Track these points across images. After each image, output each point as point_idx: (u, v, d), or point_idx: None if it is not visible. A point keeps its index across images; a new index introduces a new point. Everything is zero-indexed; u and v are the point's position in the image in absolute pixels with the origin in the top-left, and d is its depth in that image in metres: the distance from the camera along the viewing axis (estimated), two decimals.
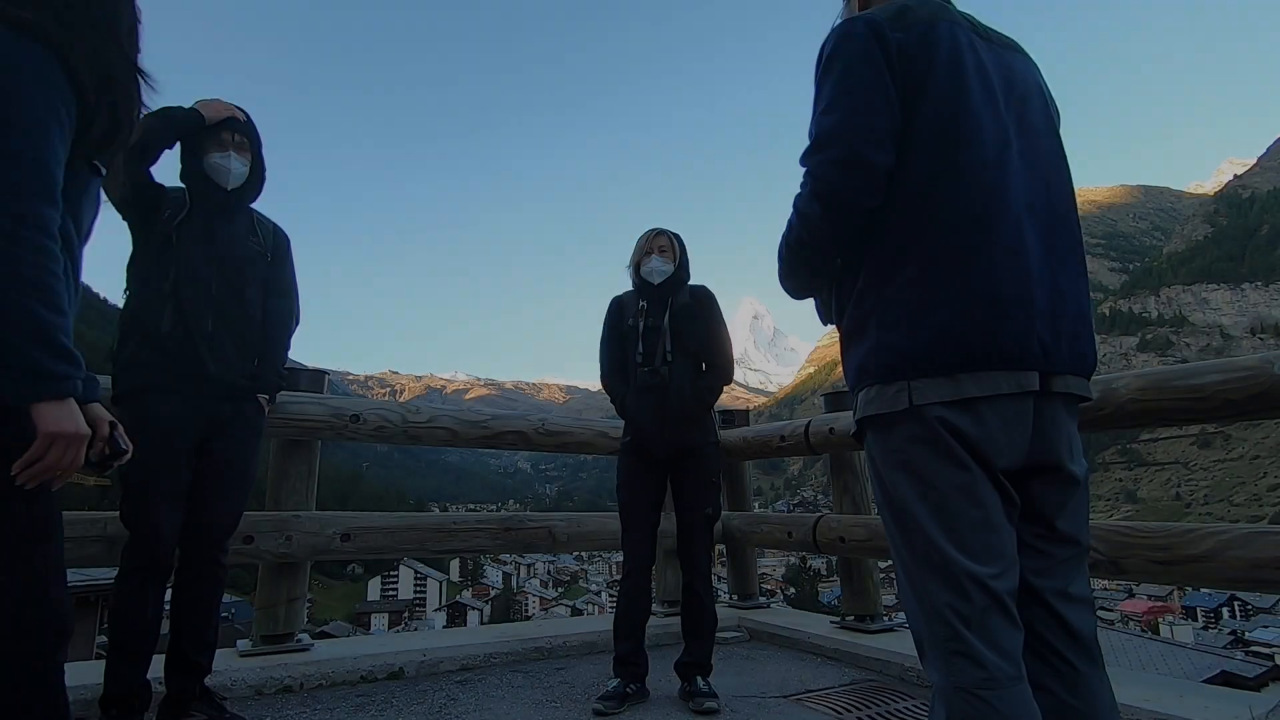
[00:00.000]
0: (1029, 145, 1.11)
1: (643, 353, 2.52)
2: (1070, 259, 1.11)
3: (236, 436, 2.05)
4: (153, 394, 1.92)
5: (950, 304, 1.01)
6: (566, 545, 3.41)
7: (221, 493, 2.04)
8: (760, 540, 3.82)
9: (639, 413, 2.52)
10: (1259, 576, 1.89)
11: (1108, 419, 2.23)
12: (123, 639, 1.85)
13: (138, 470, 1.87)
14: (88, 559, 2.28)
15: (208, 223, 2.06)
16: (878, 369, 1.06)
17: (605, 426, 3.64)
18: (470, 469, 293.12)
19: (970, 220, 1.03)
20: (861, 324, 1.10)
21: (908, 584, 1.04)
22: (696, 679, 2.38)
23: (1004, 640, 0.95)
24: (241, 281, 2.09)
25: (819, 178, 1.07)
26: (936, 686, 0.99)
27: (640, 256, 2.61)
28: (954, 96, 1.06)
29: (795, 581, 49.07)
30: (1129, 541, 2.13)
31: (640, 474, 2.54)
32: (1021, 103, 1.14)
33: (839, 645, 2.98)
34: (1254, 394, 1.90)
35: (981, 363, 0.99)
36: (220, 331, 2.02)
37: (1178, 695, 2.04)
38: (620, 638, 2.43)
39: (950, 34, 1.09)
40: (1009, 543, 1.00)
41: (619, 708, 2.27)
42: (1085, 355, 1.09)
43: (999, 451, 1.00)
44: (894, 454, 1.05)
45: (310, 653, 2.63)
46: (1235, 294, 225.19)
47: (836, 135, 1.06)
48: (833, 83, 1.08)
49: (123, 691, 1.82)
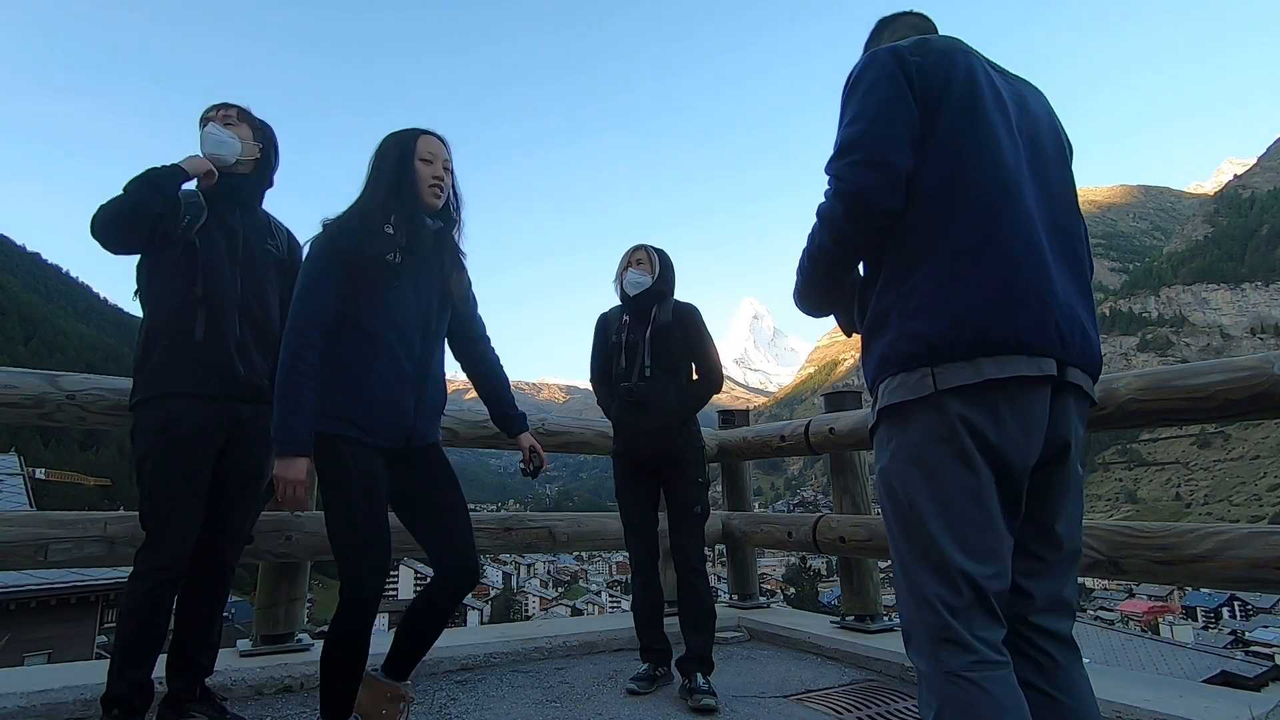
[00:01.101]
0: (1040, 168, 1.15)
1: (624, 367, 2.68)
2: (1082, 283, 1.14)
3: (256, 440, 2.03)
4: (180, 399, 1.90)
5: (970, 293, 1.05)
6: (566, 545, 3.41)
7: (238, 497, 2.03)
8: (760, 540, 3.81)
9: (623, 424, 2.70)
10: (1259, 576, 1.89)
11: (1108, 419, 2.23)
12: (131, 640, 1.83)
13: (162, 472, 1.86)
14: (88, 559, 2.28)
15: (227, 225, 2.05)
16: (900, 357, 1.09)
17: (605, 427, 3.63)
18: (470, 469, 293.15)
19: (987, 217, 1.07)
20: (883, 318, 1.14)
21: (902, 574, 1.08)
22: (696, 676, 2.42)
23: (988, 633, 1.00)
24: (263, 283, 2.09)
25: (843, 179, 1.12)
26: (923, 674, 1.02)
27: (621, 271, 2.77)
28: (969, 107, 1.11)
29: (795, 581, 49.07)
30: (1129, 541, 2.13)
31: (633, 479, 2.71)
32: (1033, 128, 1.19)
33: (839, 645, 2.98)
34: (1254, 394, 1.90)
35: (1000, 348, 1.02)
36: (246, 334, 2.01)
37: (1178, 695, 2.04)
38: (642, 629, 2.65)
39: (966, 61, 1.17)
40: (1005, 548, 1.04)
41: (650, 688, 2.53)
42: (1096, 358, 1.13)
43: (1017, 449, 1.03)
44: (909, 449, 1.08)
45: (310, 653, 2.62)
46: (1235, 294, 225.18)
47: (860, 141, 1.11)
48: (857, 99, 1.15)
49: (125, 691, 1.81)
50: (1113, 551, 2.16)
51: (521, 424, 2.16)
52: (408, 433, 1.80)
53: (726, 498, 4.19)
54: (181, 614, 2.01)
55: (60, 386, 2.30)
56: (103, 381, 2.37)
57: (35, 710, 2.04)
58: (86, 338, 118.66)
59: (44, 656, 9.53)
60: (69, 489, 46.82)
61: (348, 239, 1.75)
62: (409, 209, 1.84)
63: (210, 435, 1.93)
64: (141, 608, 1.82)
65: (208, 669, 2.03)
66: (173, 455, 1.87)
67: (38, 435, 61.00)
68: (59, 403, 2.29)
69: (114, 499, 51.52)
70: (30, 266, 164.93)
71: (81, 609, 10.56)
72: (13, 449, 14.04)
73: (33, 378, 2.30)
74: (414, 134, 1.88)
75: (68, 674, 2.27)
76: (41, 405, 2.27)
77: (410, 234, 1.84)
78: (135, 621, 1.83)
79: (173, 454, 1.87)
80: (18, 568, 2.31)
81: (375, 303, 1.77)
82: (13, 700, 2.03)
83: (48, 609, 9.95)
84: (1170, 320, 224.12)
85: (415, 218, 1.85)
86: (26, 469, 13.27)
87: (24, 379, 2.28)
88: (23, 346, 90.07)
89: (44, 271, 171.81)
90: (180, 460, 1.87)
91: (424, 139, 1.88)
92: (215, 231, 2.02)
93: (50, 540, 2.22)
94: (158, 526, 1.86)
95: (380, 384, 1.74)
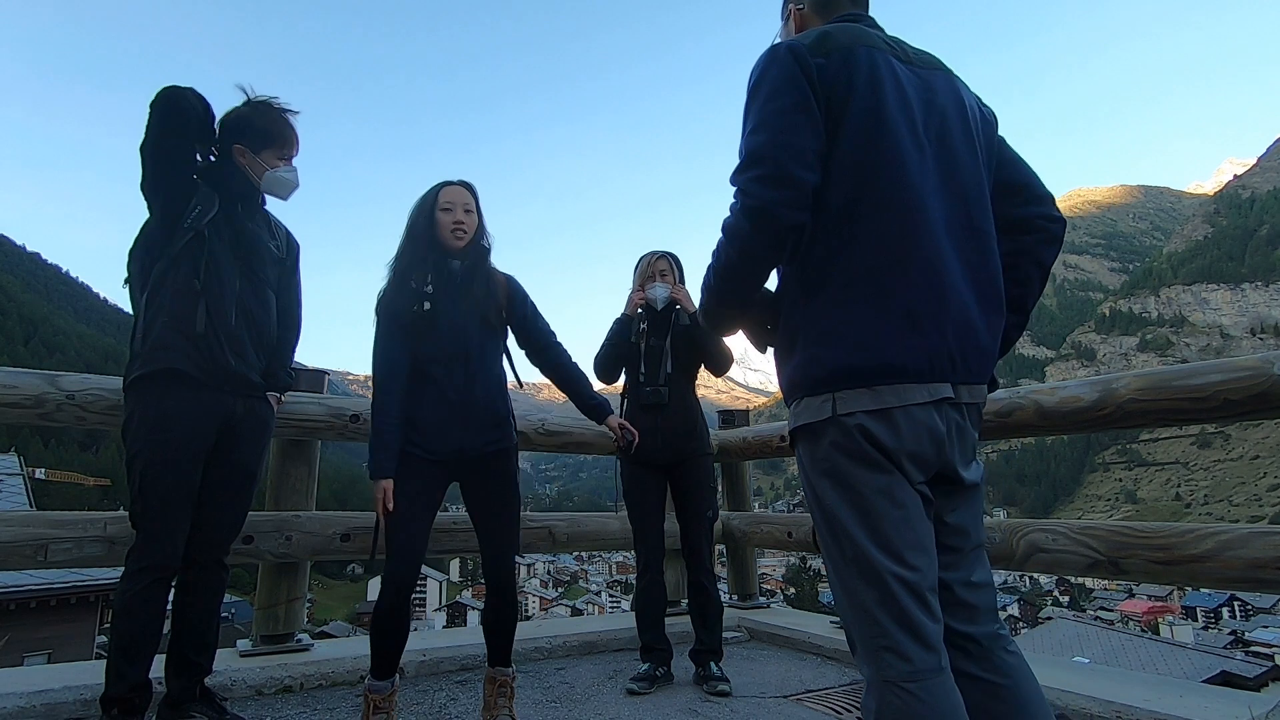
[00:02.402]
0: (948, 166, 1.16)
1: (645, 371, 2.75)
2: (989, 289, 1.16)
3: (246, 436, 2.04)
4: (174, 386, 1.90)
5: (869, 320, 1.08)
6: (566, 545, 3.42)
7: (229, 495, 2.03)
8: (760, 540, 3.82)
9: (639, 425, 2.70)
10: (1259, 576, 1.89)
11: (1108, 419, 2.23)
12: (126, 640, 1.83)
13: (152, 472, 1.86)
14: (88, 559, 2.28)
15: (235, 221, 2.05)
16: (806, 382, 1.13)
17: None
18: None
19: (889, 240, 1.09)
20: (790, 341, 1.18)
21: (839, 584, 1.11)
22: (710, 664, 2.59)
23: (926, 634, 1.02)
24: (261, 281, 2.09)
25: (748, 194, 1.10)
26: (867, 680, 1.06)
27: (643, 281, 2.81)
28: (873, 122, 1.11)
29: (795, 581, 49.07)
30: (1129, 541, 2.13)
31: (644, 481, 2.76)
32: (941, 123, 1.18)
33: (839, 645, 2.98)
34: (1254, 394, 1.90)
35: (898, 374, 1.06)
36: (242, 329, 2.02)
37: (1178, 695, 2.03)
38: (644, 629, 2.69)
39: (869, 59, 1.13)
40: (929, 539, 1.08)
41: (650, 688, 2.55)
42: (987, 369, 1.17)
43: (914, 459, 1.07)
44: (821, 462, 1.12)
45: (310, 653, 2.63)
46: (1235, 294, 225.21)
47: (765, 154, 1.09)
48: (759, 104, 1.13)
49: (124, 691, 1.81)
50: (1113, 551, 2.16)
51: (606, 410, 2.38)
52: (456, 450, 2.08)
53: (726, 498, 4.19)
54: (177, 614, 2.01)
55: (60, 386, 2.31)
56: (102, 381, 2.37)
57: (35, 710, 2.04)
58: (86, 338, 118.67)
59: (44, 656, 9.52)
60: (69, 489, 46.86)
61: (386, 302, 2.09)
62: (434, 258, 2.11)
63: (201, 434, 1.93)
64: (135, 607, 1.83)
65: (206, 669, 2.03)
66: (163, 455, 1.87)
67: (38, 435, 61.02)
68: (59, 403, 2.29)
69: (114, 499, 51.51)
70: (30, 266, 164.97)
71: (81, 609, 10.55)
72: (13, 449, 14.04)
73: (32, 378, 2.30)
74: (435, 188, 2.15)
75: (68, 674, 2.27)
76: (41, 405, 2.28)
77: (437, 280, 2.10)
78: (130, 621, 1.83)
79: (163, 454, 1.87)
80: (18, 568, 2.31)
81: (420, 347, 2.07)
82: (13, 700, 2.03)
83: (48, 609, 9.93)
84: (1170, 320, 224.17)
85: (440, 264, 2.12)
86: (26, 469, 13.27)
87: (24, 379, 2.28)
88: (23, 346, 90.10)
89: (44, 271, 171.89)
90: (171, 460, 1.87)
91: (444, 190, 2.13)
92: (222, 225, 2.02)
93: (50, 540, 2.22)
94: (149, 526, 1.86)
95: (429, 414, 2.06)
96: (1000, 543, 2.50)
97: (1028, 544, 2.39)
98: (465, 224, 2.11)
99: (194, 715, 1.95)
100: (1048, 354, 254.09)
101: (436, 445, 2.05)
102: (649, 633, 2.67)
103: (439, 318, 2.07)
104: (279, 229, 2.24)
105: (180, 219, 1.96)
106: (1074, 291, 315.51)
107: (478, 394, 2.10)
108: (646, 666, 2.62)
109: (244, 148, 2.06)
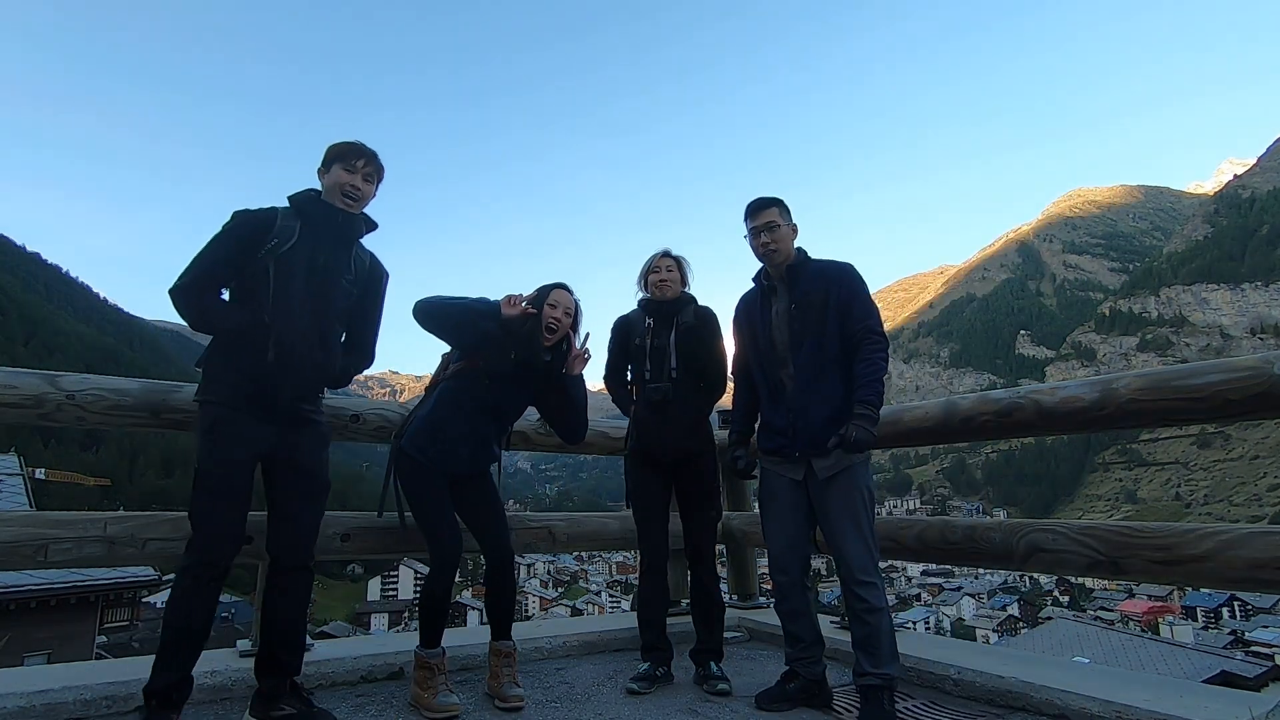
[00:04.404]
0: None
1: (650, 369, 2.77)
2: None
3: (304, 443, 2.11)
4: (230, 411, 1.98)
5: None
6: (566, 545, 3.42)
7: (300, 500, 2.11)
8: (760, 540, 3.80)
9: (646, 423, 2.76)
10: (1259, 576, 1.89)
11: (1108, 419, 2.23)
12: (172, 635, 1.89)
13: (204, 472, 1.94)
14: (88, 559, 2.28)
15: (311, 254, 2.08)
16: None
17: (606, 427, 3.63)
18: None
19: None
20: None
21: None
22: (710, 664, 2.62)
23: None
24: (330, 317, 2.13)
25: (883, 338, 2.01)
26: None
27: (647, 279, 2.85)
28: None
29: None
30: (1129, 541, 2.13)
31: (650, 479, 2.77)
32: None
33: (839, 645, 2.97)
34: (1254, 394, 1.91)
35: None
36: (305, 363, 2.05)
37: (1178, 695, 2.03)
38: (645, 628, 2.71)
39: None
40: None
41: (650, 687, 2.55)
42: None
43: None
44: None
45: (310, 653, 2.62)
46: (1235, 294, 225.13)
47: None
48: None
49: (164, 685, 1.86)
50: (1113, 551, 2.16)
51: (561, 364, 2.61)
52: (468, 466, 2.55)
53: (726, 498, 4.19)
54: (266, 617, 2.10)
55: (60, 386, 2.31)
56: (102, 382, 2.37)
57: (35, 710, 2.05)
58: (86, 338, 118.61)
59: (44, 656, 9.52)
60: (69, 489, 46.80)
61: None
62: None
63: (252, 441, 1.99)
64: (182, 603, 1.89)
65: (295, 667, 2.09)
66: (214, 457, 1.95)
67: (38, 435, 60.98)
68: (59, 403, 2.29)
69: (114, 499, 51.47)
70: (30, 266, 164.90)
71: (81, 609, 10.54)
72: (13, 449, 14.02)
73: (32, 378, 2.30)
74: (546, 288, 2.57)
75: (68, 674, 2.27)
76: (41, 405, 2.28)
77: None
78: (175, 613, 1.89)
79: (214, 456, 1.95)
80: (18, 568, 2.32)
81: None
82: (13, 700, 2.03)
83: (48, 609, 9.93)
84: (1170, 320, 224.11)
85: None
86: (26, 469, 13.26)
87: (24, 379, 2.28)
88: (23, 346, 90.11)
89: (44, 271, 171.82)
90: (221, 462, 1.94)
91: (554, 294, 2.55)
92: (298, 257, 2.04)
93: (50, 540, 2.22)
94: (198, 524, 1.94)
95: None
96: (1001, 543, 2.50)
97: (1028, 544, 2.39)
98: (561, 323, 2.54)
99: (283, 707, 2.02)
100: (1048, 354, 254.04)
101: (451, 464, 2.46)
102: (649, 632, 2.69)
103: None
104: (361, 260, 2.24)
105: (258, 248, 2.00)
106: (1074, 291, 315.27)
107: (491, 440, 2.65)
108: (647, 666, 2.63)
109: (321, 169, 2.15)
